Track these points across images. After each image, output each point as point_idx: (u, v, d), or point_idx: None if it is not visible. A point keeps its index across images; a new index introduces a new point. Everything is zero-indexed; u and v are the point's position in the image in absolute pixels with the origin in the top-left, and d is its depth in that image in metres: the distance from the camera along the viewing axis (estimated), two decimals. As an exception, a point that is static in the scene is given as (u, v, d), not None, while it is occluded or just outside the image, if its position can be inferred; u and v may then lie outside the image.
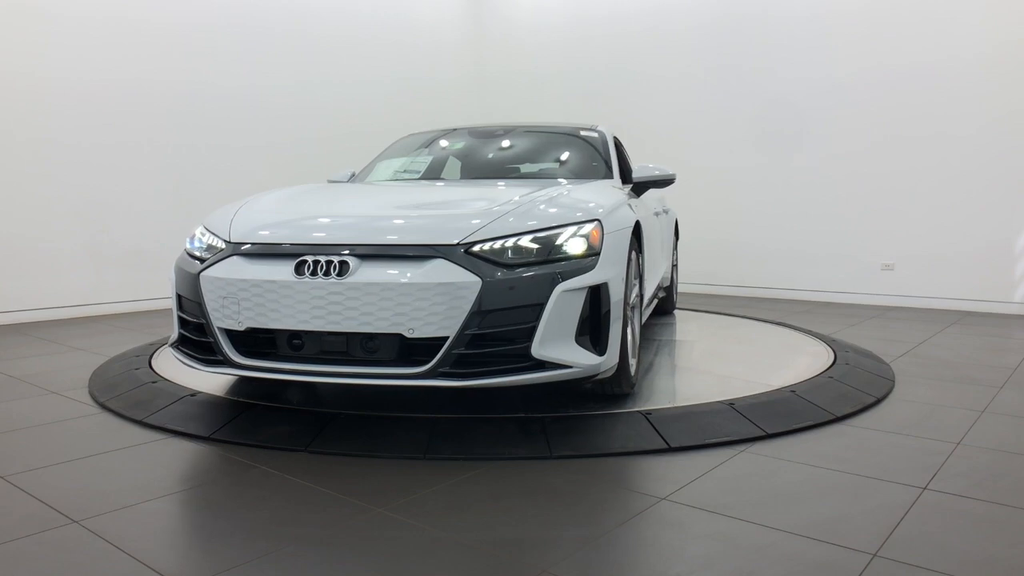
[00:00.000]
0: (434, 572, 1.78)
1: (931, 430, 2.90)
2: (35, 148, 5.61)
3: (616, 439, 2.69)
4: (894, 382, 3.65)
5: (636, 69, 7.92)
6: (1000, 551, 1.88)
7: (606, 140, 4.25)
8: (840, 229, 6.82)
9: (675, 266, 5.85)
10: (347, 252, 2.63)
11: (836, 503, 2.18)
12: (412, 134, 4.82)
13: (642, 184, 3.98)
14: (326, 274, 2.59)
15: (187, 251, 3.04)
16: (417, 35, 8.43)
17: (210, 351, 2.81)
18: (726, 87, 7.37)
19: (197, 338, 2.86)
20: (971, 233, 6.21)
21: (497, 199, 2.99)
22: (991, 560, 1.83)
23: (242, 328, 2.69)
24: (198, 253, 2.95)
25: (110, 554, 1.85)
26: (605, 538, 1.95)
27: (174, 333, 3.03)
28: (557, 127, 4.59)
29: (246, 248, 2.80)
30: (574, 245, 2.72)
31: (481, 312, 2.51)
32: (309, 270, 2.61)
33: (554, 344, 2.58)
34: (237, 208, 3.15)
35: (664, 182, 3.98)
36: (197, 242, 3.01)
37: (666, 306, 5.55)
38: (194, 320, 2.86)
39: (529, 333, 2.55)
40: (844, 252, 6.82)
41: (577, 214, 2.84)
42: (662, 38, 7.74)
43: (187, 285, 2.88)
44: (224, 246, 2.86)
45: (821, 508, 2.14)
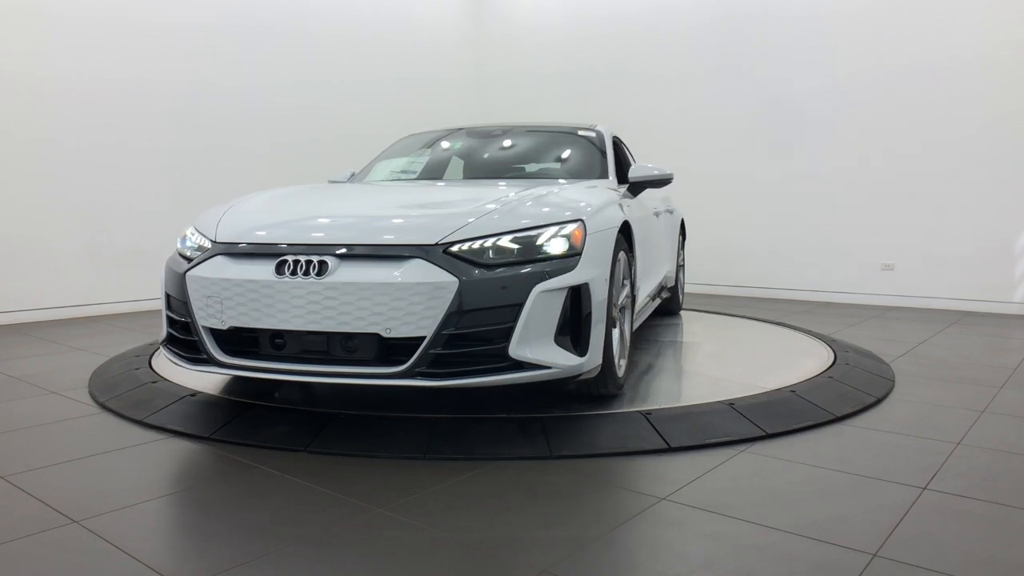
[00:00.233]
0: (434, 572, 1.78)
1: (931, 430, 2.90)
2: (35, 148, 5.61)
3: (616, 439, 2.69)
4: (894, 382, 3.65)
5: (636, 69, 7.92)
6: (1000, 551, 1.88)
7: (604, 140, 4.24)
8: (840, 229, 6.82)
9: (681, 267, 5.81)
10: (326, 252, 2.66)
11: (836, 503, 2.18)
12: (412, 135, 4.83)
13: (638, 184, 3.97)
14: (305, 274, 2.61)
15: (178, 251, 3.07)
16: (417, 35, 8.43)
17: (195, 350, 2.85)
18: (726, 87, 7.37)
19: (183, 337, 2.90)
20: (971, 233, 6.21)
21: (482, 199, 2.98)
22: (991, 560, 1.83)
23: (225, 327, 2.73)
24: (187, 253, 2.99)
25: (110, 554, 1.85)
26: (605, 538, 1.95)
27: (163, 331, 3.07)
28: (554, 127, 4.58)
29: (230, 248, 2.84)
30: (555, 245, 2.71)
31: (458, 312, 2.52)
32: (289, 270, 2.64)
33: (532, 344, 2.58)
34: (226, 209, 3.19)
35: (661, 182, 3.97)
36: (187, 242, 3.05)
37: (671, 307, 5.52)
38: (181, 319, 2.90)
39: (507, 333, 2.55)
40: (844, 252, 6.82)
41: (561, 214, 2.83)
42: (662, 38, 7.74)
43: (174, 284, 2.92)
44: (210, 246, 2.90)
45: (821, 508, 2.14)
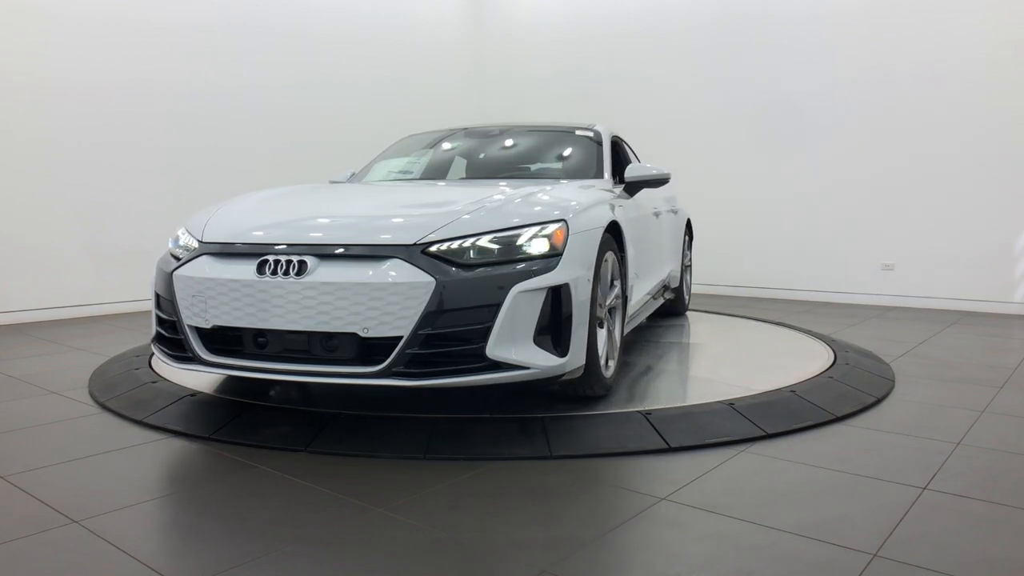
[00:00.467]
0: (434, 572, 1.78)
1: (931, 430, 2.90)
2: (35, 148, 5.61)
3: (616, 439, 2.69)
4: (894, 382, 3.65)
5: (636, 69, 7.92)
6: (1000, 551, 1.88)
7: (601, 139, 4.23)
8: (840, 229, 6.83)
9: (688, 267, 5.78)
10: (306, 252, 2.67)
11: (836, 503, 2.18)
12: (411, 135, 4.83)
13: (635, 184, 3.96)
14: (285, 274, 2.63)
15: (169, 251, 3.10)
16: (417, 35, 8.43)
17: (182, 348, 2.88)
18: (726, 87, 7.37)
19: (170, 335, 2.92)
20: (971, 233, 6.21)
21: (467, 199, 2.98)
22: (991, 560, 1.83)
23: (209, 326, 2.75)
24: (176, 253, 3.02)
25: (110, 554, 1.85)
26: (605, 538, 1.95)
27: (152, 330, 3.09)
28: (552, 127, 4.57)
29: (214, 248, 2.87)
30: (535, 245, 2.71)
31: (435, 312, 2.52)
32: (270, 270, 2.66)
33: (510, 345, 2.58)
34: (215, 210, 3.22)
35: (657, 182, 3.96)
36: (177, 242, 3.08)
37: (677, 307, 5.50)
38: (168, 318, 2.92)
39: (484, 334, 2.55)
40: (844, 252, 6.82)
41: (544, 214, 2.83)
42: (662, 38, 7.74)
43: (163, 283, 2.96)
44: (197, 246, 2.93)
45: (821, 508, 2.14)
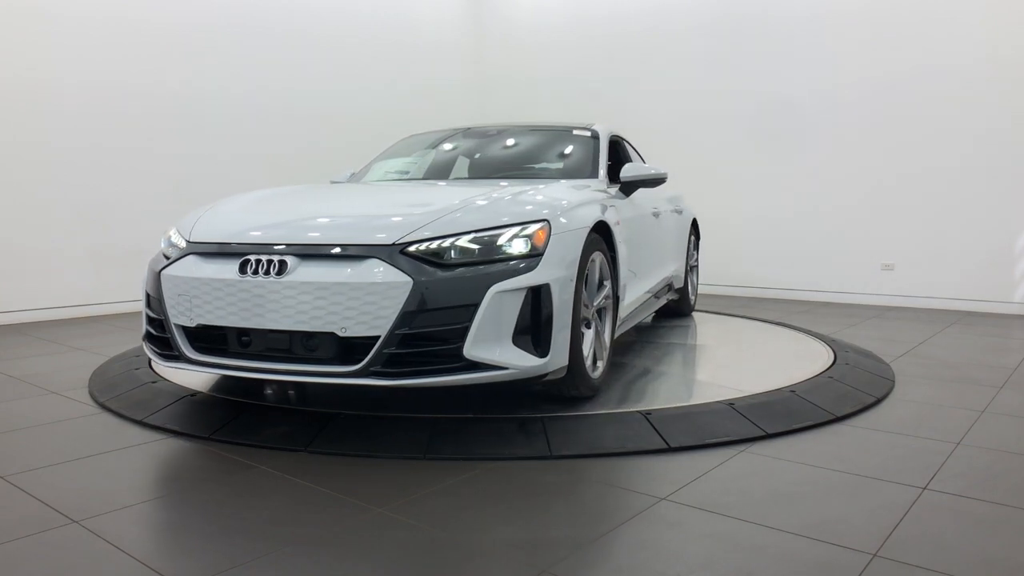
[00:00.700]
0: (434, 572, 1.78)
1: (931, 430, 2.90)
2: (35, 148, 5.61)
3: (616, 439, 2.69)
4: (894, 382, 3.65)
5: (636, 69, 7.92)
6: (1000, 551, 1.88)
7: (598, 139, 4.22)
8: (840, 229, 6.83)
9: (694, 268, 5.75)
10: (287, 252, 2.69)
11: (836, 503, 2.18)
12: (411, 135, 4.84)
13: (631, 184, 3.95)
14: (266, 273, 2.65)
15: (161, 250, 3.12)
16: (417, 35, 8.43)
17: (169, 346, 2.90)
18: (726, 87, 7.37)
19: (158, 333, 2.95)
20: (971, 233, 6.21)
21: (453, 199, 2.98)
22: (991, 560, 1.83)
23: (193, 324, 2.78)
24: (167, 252, 3.04)
25: (110, 554, 1.86)
26: (605, 538, 1.95)
27: (143, 328, 3.12)
28: (549, 126, 4.57)
29: (201, 248, 2.90)
30: (516, 246, 2.71)
31: (413, 312, 2.52)
32: (251, 269, 2.68)
33: (489, 345, 2.57)
34: (205, 210, 3.25)
35: (654, 181, 3.95)
36: (169, 242, 3.11)
37: (682, 308, 5.48)
38: (156, 316, 2.95)
39: (462, 334, 2.54)
40: (844, 252, 6.82)
41: (527, 214, 2.82)
42: (662, 38, 7.75)
43: (152, 283, 2.99)
44: (184, 245, 2.96)
45: (821, 508, 2.14)
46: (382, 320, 2.53)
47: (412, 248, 2.62)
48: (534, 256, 2.70)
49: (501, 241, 2.70)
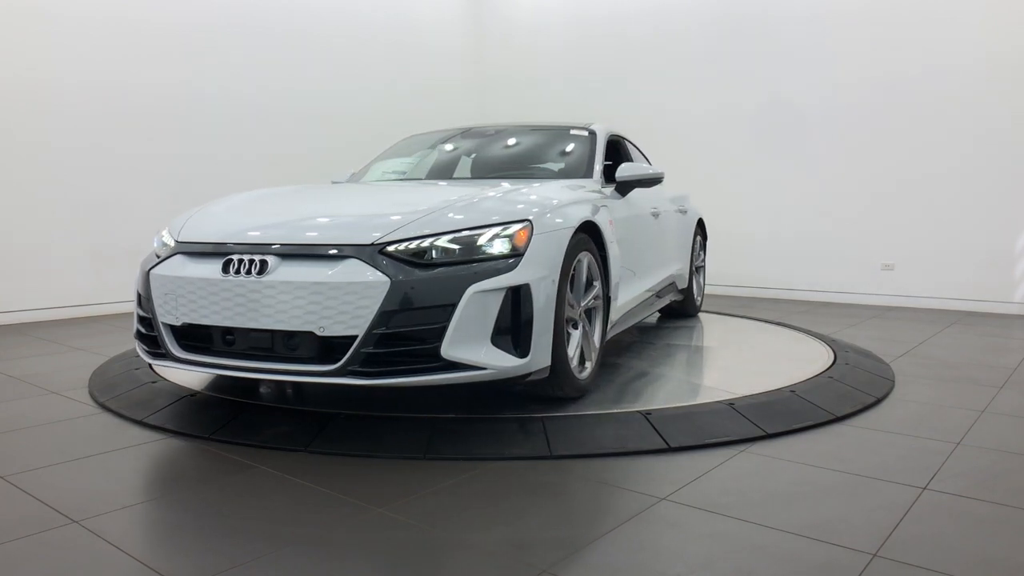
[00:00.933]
0: (434, 572, 1.78)
1: (931, 430, 2.90)
2: (35, 148, 5.61)
3: (616, 439, 2.69)
4: (894, 382, 3.65)
5: (636, 70, 7.92)
6: (1000, 551, 1.88)
7: (595, 139, 4.21)
8: (840, 229, 6.83)
9: (699, 268, 5.71)
10: (268, 252, 2.71)
11: (836, 503, 2.18)
12: (411, 136, 4.84)
13: (626, 184, 3.94)
14: (248, 273, 2.67)
15: (153, 250, 3.15)
16: (417, 35, 8.43)
17: (156, 344, 2.94)
18: (726, 87, 7.37)
19: (147, 332, 2.99)
20: (971, 233, 6.21)
21: (438, 199, 2.98)
22: (991, 560, 1.83)
23: (179, 323, 2.82)
24: (158, 252, 3.08)
25: (110, 554, 1.86)
26: (605, 538, 1.95)
27: (134, 326, 3.15)
28: (547, 126, 4.56)
29: (186, 248, 2.94)
30: (496, 246, 2.70)
31: (390, 312, 2.52)
32: (234, 269, 2.71)
33: (467, 345, 2.57)
34: (196, 210, 3.29)
35: (650, 181, 3.94)
36: (160, 242, 3.14)
37: (687, 309, 5.46)
38: (146, 315, 2.99)
39: (440, 333, 2.54)
40: (844, 252, 6.82)
41: (508, 214, 2.82)
42: (662, 39, 7.75)
43: (142, 281, 3.04)
44: (173, 245, 3.00)
45: (821, 508, 2.14)
46: (360, 320, 2.53)
47: (391, 248, 2.63)
48: (514, 256, 2.70)
49: (481, 241, 2.70)
